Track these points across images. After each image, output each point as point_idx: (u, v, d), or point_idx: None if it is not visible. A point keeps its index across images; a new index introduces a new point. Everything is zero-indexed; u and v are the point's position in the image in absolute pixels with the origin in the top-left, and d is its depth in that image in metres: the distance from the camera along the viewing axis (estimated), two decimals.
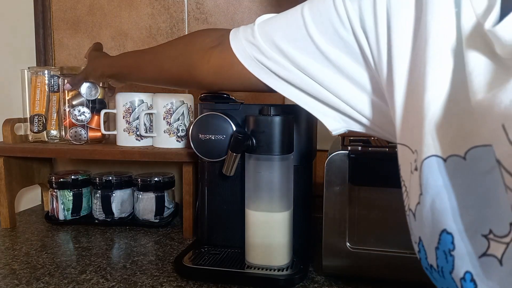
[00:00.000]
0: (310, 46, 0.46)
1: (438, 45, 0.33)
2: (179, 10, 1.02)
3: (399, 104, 0.38)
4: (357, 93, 0.47)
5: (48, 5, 1.06)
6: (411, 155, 0.35)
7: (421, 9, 0.36)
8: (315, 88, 0.49)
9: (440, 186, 0.32)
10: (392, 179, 0.62)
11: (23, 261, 0.70)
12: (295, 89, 0.52)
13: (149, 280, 0.63)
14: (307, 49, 0.47)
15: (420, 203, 0.33)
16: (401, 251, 0.60)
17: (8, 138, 0.91)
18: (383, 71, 0.41)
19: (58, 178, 0.91)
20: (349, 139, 0.77)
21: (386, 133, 0.47)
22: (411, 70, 0.37)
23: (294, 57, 0.48)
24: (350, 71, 0.46)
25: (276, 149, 0.62)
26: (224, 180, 0.73)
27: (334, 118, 0.51)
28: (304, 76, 0.49)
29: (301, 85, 0.50)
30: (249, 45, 0.52)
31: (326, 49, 0.45)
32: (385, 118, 0.45)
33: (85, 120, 0.90)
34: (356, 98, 0.47)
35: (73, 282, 0.62)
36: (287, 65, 0.49)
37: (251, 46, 0.52)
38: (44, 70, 0.94)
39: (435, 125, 0.32)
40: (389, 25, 0.39)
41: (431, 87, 0.33)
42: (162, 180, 0.90)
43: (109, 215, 0.90)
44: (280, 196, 0.64)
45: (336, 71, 0.46)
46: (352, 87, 0.47)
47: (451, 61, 0.33)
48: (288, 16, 0.49)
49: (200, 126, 0.70)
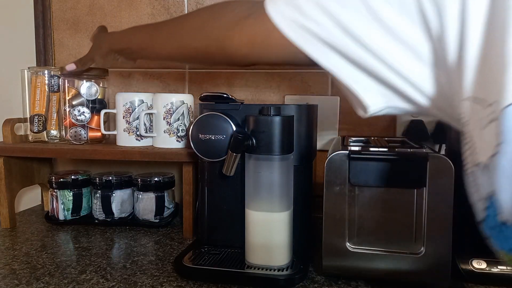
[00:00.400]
0: (356, 1, 0.42)
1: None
2: (179, 10, 1.02)
3: (472, 57, 0.36)
4: (412, 61, 0.42)
5: (48, 5, 1.06)
6: (484, 110, 0.34)
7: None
8: (359, 55, 0.44)
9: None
10: (392, 179, 0.62)
11: (23, 261, 0.70)
12: (335, 56, 0.46)
13: (149, 280, 0.63)
14: (353, 4, 0.42)
15: (498, 152, 0.32)
16: (401, 251, 0.60)
17: (8, 138, 0.91)
18: (448, 28, 0.38)
19: (58, 178, 0.91)
20: (349, 139, 0.77)
21: (438, 110, 0.44)
22: (489, 20, 0.35)
23: (337, 14, 0.43)
24: (405, 34, 0.41)
25: (276, 149, 0.62)
26: (224, 180, 0.72)
27: (375, 91, 0.46)
28: (348, 39, 0.44)
29: (344, 49, 0.45)
30: (288, 7, 0.47)
31: (375, 4, 0.41)
32: (442, 89, 0.41)
33: (85, 120, 0.90)
34: (411, 66, 0.42)
35: (73, 282, 0.62)
36: (330, 24, 0.44)
37: (290, 8, 0.47)
38: (44, 70, 0.94)
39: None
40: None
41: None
42: (162, 180, 0.90)
43: (109, 215, 0.90)
44: (280, 196, 0.64)
45: (387, 33, 0.42)
46: (407, 53, 0.42)
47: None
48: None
49: (200, 126, 0.70)
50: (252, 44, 0.52)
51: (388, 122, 0.96)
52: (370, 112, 0.48)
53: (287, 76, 0.99)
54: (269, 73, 0.99)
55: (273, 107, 0.63)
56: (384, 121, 0.96)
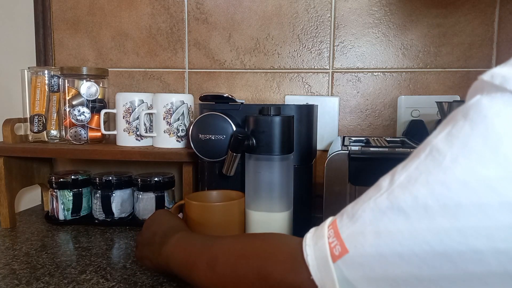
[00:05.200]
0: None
1: None
2: (179, 10, 1.02)
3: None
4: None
5: (48, 5, 1.06)
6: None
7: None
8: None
9: None
10: None
11: (23, 261, 0.70)
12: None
13: (149, 280, 0.63)
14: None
15: None
16: None
17: (8, 138, 0.91)
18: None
19: (58, 178, 0.91)
20: (349, 139, 0.77)
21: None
22: None
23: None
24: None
25: (276, 149, 0.62)
26: (224, 180, 0.72)
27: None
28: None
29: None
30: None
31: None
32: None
33: (85, 120, 0.90)
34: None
35: (73, 282, 0.62)
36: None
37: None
38: (44, 70, 0.94)
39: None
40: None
41: None
42: (162, 180, 0.90)
43: (109, 215, 0.90)
44: (280, 196, 0.64)
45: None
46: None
47: None
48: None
49: (200, 126, 0.70)
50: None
51: (388, 122, 0.96)
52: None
53: (287, 76, 0.99)
54: (269, 73, 1.00)
55: (273, 107, 0.63)
56: (384, 121, 0.96)
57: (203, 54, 1.02)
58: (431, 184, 0.30)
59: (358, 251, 0.33)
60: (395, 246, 0.31)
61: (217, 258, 0.46)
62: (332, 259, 0.34)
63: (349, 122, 0.97)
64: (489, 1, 0.89)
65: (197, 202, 0.67)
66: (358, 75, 0.96)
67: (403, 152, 0.62)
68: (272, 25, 0.98)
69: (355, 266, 0.33)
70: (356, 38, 0.95)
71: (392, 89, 0.95)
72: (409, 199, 0.31)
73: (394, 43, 0.94)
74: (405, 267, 0.30)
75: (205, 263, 0.47)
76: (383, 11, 0.94)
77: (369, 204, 0.34)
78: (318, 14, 0.96)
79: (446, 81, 0.93)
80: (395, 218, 0.31)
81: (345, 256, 0.33)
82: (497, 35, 0.90)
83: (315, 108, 0.81)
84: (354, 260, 0.33)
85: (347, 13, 0.95)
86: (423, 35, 0.93)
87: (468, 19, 0.91)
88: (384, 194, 0.33)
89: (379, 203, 0.33)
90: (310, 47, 0.97)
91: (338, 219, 0.37)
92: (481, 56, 0.91)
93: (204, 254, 0.48)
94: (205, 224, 0.65)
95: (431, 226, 0.29)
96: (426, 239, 0.30)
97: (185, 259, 0.51)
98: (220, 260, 0.46)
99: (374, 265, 0.32)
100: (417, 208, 0.30)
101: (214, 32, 1.01)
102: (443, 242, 0.29)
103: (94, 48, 1.06)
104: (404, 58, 0.94)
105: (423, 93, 0.94)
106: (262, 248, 0.44)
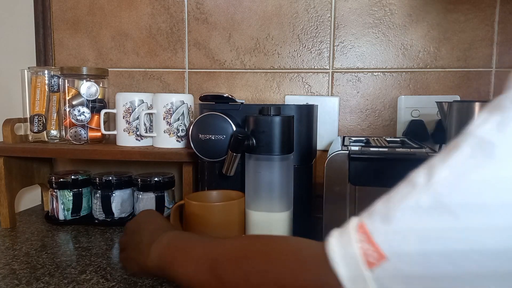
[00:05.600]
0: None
1: None
2: (179, 10, 1.02)
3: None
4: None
5: (48, 5, 1.06)
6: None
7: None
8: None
9: None
10: (392, 179, 0.62)
11: (23, 261, 0.70)
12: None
13: (149, 280, 0.63)
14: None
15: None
16: None
17: (8, 138, 0.91)
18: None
19: (58, 178, 0.91)
20: (349, 139, 0.77)
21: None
22: None
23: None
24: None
25: (276, 149, 0.62)
26: (224, 180, 0.72)
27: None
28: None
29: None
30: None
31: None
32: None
33: (85, 120, 0.90)
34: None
35: (73, 282, 0.62)
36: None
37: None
38: (44, 70, 0.94)
39: None
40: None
41: None
42: (162, 180, 0.90)
43: (109, 215, 0.90)
44: (280, 196, 0.64)
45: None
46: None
47: None
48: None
49: (200, 126, 0.70)
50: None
51: (388, 122, 0.96)
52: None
53: (287, 76, 0.99)
54: (269, 73, 1.00)
55: (273, 107, 0.63)
56: (384, 121, 0.96)
57: (203, 54, 1.02)
58: (486, 180, 0.27)
59: (398, 256, 0.30)
60: (443, 247, 0.28)
61: (220, 263, 0.43)
62: (367, 266, 0.31)
63: (349, 122, 0.97)
64: (489, 1, 0.90)
65: (197, 202, 0.67)
66: (358, 75, 0.96)
67: (403, 152, 0.62)
68: (272, 25, 0.98)
69: (393, 272, 0.30)
70: (356, 38, 0.95)
71: (392, 89, 0.95)
72: (458, 197, 0.28)
73: (394, 43, 0.94)
74: (449, 267, 0.28)
75: (207, 266, 0.43)
76: (383, 11, 0.94)
77: (406, 203, 0.31)
78: (318, 14, 0.96)
79: (446, 81, 0.93)
80: (443, 218, 0.28)
81: (383, 262, 0.30)
82: (497, 35, 0.90)
83: (315, 108, 0.81)
84: (393, 266, 0.30)
85: (347, 13, 0.95)
86: (423, 35, 0.93)
87: (468, 19, 0.91)
88: (424, 191, 0.30)
89: (420, 202, 0.30)
90: (310, 47, 0.97)
91: (367, 220, 0.33)
92: (481, 56, 0.91)
93: (206, 257, 0.44)
94: (205, 224, 0.65)
95: (488, 225, 0.27)
96: (482, 239, 0.27)
97: (181, 259, 0.47)
98: (223, 265, 0.42)
99: (416, 269, 0.29)
100: (468, 206, 0.28)
101: (214, 32, 1.01)
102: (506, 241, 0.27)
103: (94, 48, 1.06)
104: (404, 58, 0.94)
105: (423, 93, 0.94)
106: (280, 253, 0.40)
